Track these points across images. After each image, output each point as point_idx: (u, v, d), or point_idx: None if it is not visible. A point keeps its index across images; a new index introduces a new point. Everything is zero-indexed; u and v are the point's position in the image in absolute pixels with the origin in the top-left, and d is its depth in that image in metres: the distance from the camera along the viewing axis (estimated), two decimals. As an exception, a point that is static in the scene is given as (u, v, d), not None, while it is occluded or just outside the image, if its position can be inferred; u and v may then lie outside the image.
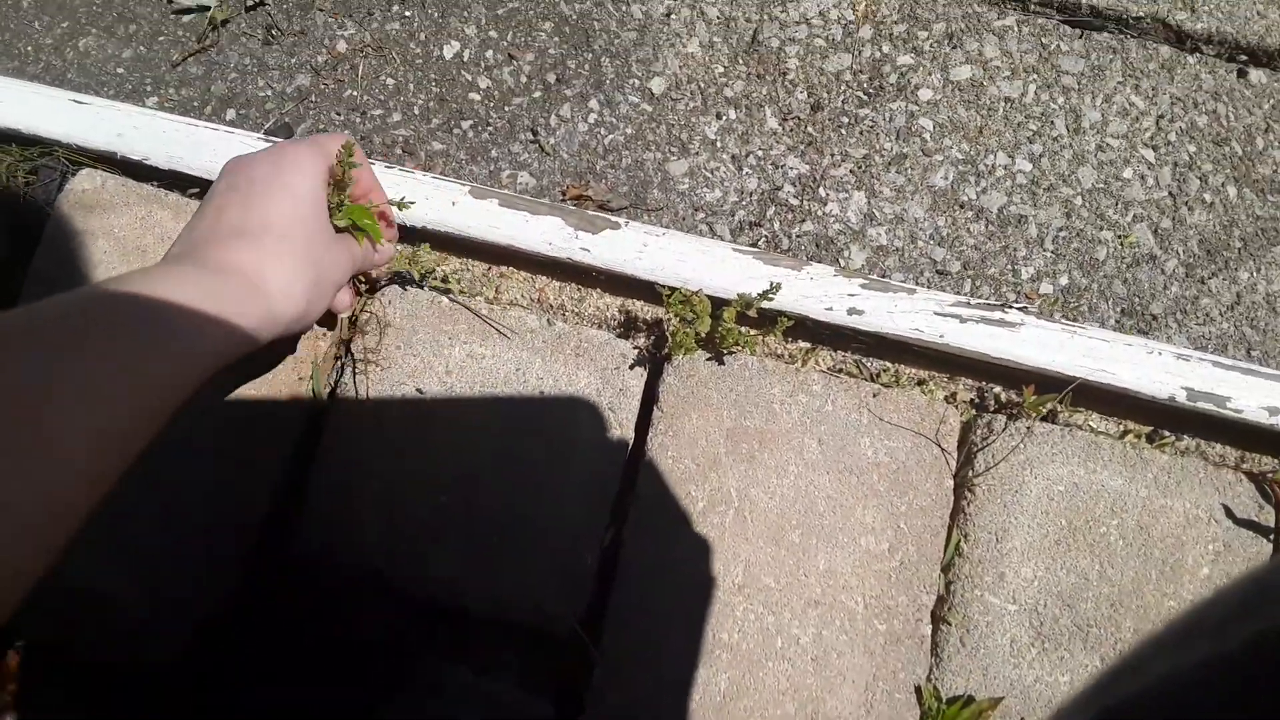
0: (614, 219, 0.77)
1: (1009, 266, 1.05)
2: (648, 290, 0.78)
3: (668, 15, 1.14)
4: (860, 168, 1.09)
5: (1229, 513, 0.73)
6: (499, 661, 0.70)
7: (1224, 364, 0.79)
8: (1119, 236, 1.07)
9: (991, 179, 1.09)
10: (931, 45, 1.14)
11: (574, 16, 1.13)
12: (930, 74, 1.13)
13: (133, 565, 0.71)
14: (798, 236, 1.06)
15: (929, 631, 0.70)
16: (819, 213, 1.07)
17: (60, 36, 1.10)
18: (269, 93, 1.08)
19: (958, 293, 1.03)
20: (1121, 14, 1.16)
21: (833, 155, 1.10)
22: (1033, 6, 1.17)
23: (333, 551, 0.70)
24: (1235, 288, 1.06)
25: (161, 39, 1.10)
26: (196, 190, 0.87)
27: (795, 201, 1.08)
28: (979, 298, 0.87)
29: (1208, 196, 1.09)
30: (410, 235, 0.91)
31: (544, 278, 0.83)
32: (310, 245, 0.60)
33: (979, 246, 1.06)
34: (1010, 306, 0.74)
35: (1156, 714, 0.30)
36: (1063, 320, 0.75)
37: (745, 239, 1.06)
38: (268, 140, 0.85)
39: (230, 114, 1.08)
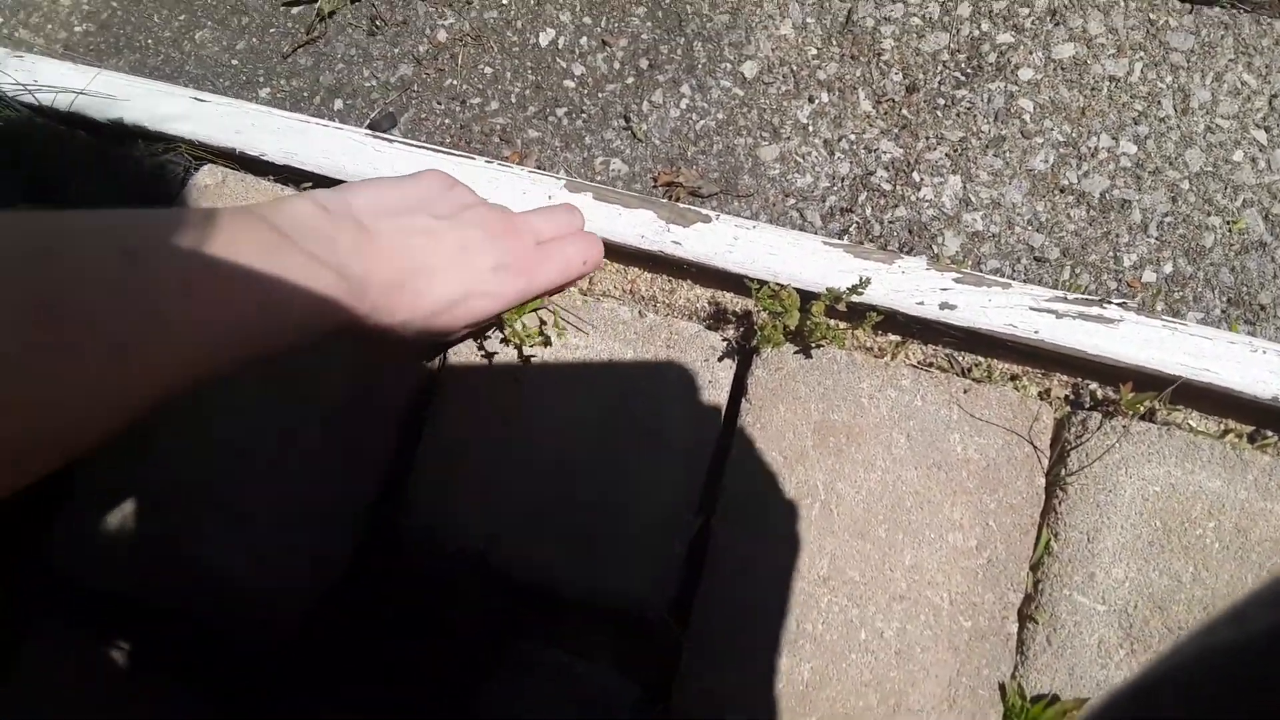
0: (705, 212, 0.78)
1: (1110, 253, 1.03)
2: (737, 283, 0.79)
3: (761, -3, 1.14)
4: (956, 151, 1.08)
5: (1332, 518, 0.72)
6: (592, 645, 0.74)
7: None
8: (1228, 222, 1.03)
9: (1094, 162, 1.06)
10: (1033, 22, 1.11)
11: (666, 1, 1.14)
12: (1031, 53, 1.10)
13: (248, 539, 0.76)
14: (890, 222, 1.05)
15: (1015, 629, 0.70)
16: (912, 198, 1.07)
17: (178, 29, 1.15)
18: (374, 82, 1.12)
19: (1056, 281, 1.01)
20: (1238, -14, 1.11)
21: (928, 138, 1.09)
22: (1143, -20, 1.13)
23: (435, 534, 0.74)
24: (1352, 276, 1.01)
25: (272, 31, 1.15)
26: (310, 184, 0.91)
27: (888, 186, 1.07)
28: (1076, 290, 0.86)
29: (1326, 180, 1.05)
30: None
31: (636, 269, 0.85)
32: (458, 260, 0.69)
33: (1079, 233, 1.04)
34: (1109, 302, 0.73)
35: (1167, 698, 0.31)
36: (1164, 316, 0.74)
37: (836, 224, 1.06)
38: (372, 134, 0.89)
39: (338, 104, 1.12)
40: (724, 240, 0.78)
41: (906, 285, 0.74)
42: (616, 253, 0.81)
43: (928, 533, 0.71)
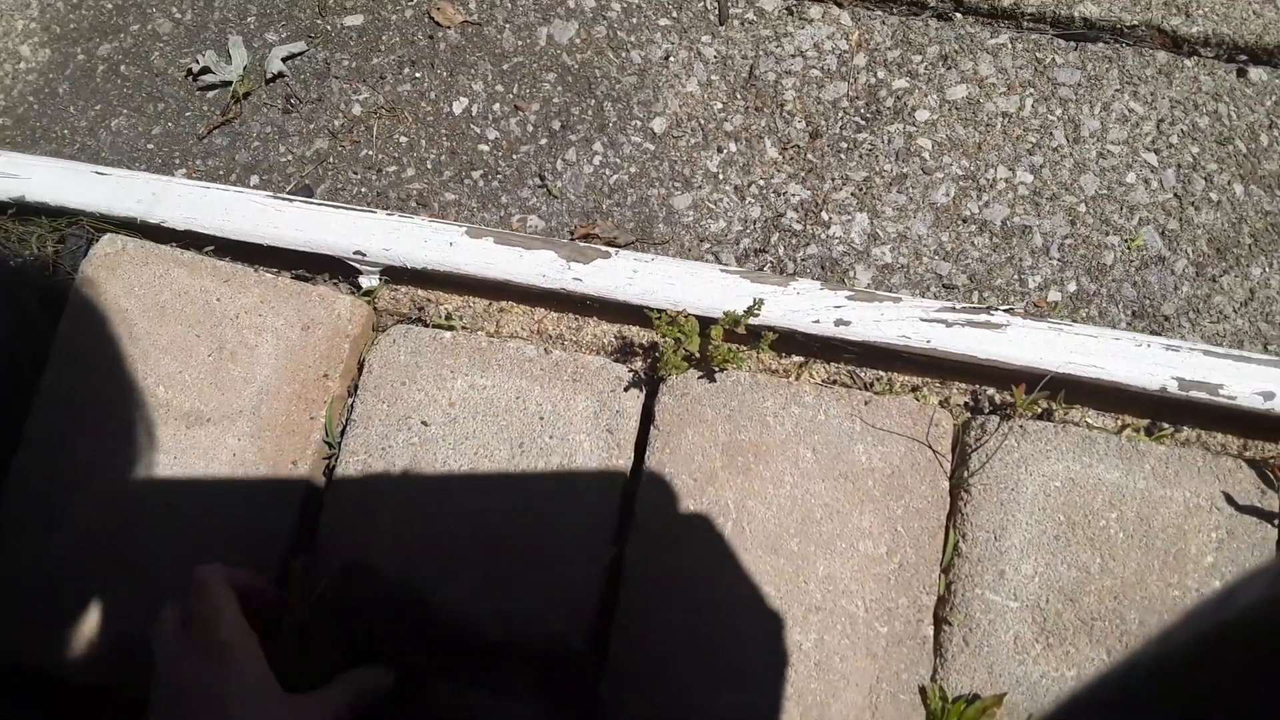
0: (605, 249, 0.81)
1: (1015, 276, 1.07)
2: (641, 316, 0.81)
3: (666, 58, 1.19)
4: (861, 190, 1.12)
5: (1230, 500, 0.73)
6: (514, 683, 0.73)
7: (1215, 352, 0.80)
8: (1126, 240, 1.08)
9: (993, 192, 1.11)
10: (926, 68, 1.17)
11: (575, 66, 1.19)
12: (926, 95, 1.16)
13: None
14: (803, 260, 1.09)
15: (931, 632, 0.71)
16: (823, 235, 1.10)
17: (93, 119, 1.18)
18: (289, 157, 1.15)
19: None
20: (1115, 23, 1.18)
21: (833, 180, 1.13)
22: (1025, 23, 1.20)
23: (351, 584, 0.73)
24: (1248, 284, 1.06)
25: (188, 114, 1.18)
26: (212, 248, 0.93)
27: (799, 226, 1.11)
28: (965, 303, 0.89)
29: (1214, 195, 1.10)
30: (413, 277, 0.96)
31: (542, 309, 0.87)
32: None
33: (984, 259, 1.08)
34: (995, 309, 0.76)
35: (1149, 684, 0.31)
36: (1050, 319, 0.77)
37: (751, 265, 1.09)
38: (274, 196, 0.91)
39: (254, 179, 1.14)
40: (624, 274, 0.80)
41: (802, 305, 0.77)
42: (521, 294, 0.83)
43: (839, 543, 0.72)
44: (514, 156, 1.15)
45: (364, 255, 0.89)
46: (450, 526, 0.74)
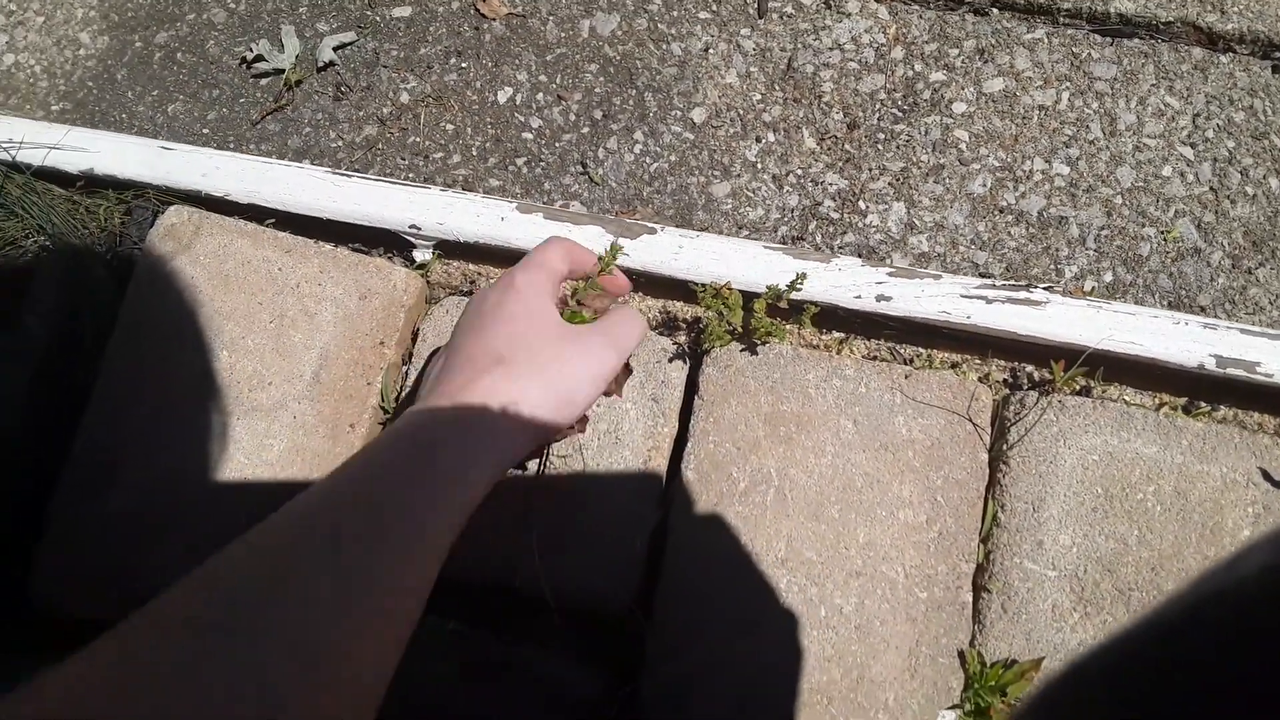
0: (651, 225, 0.83)
1: (1052, 266, 1.08)
2: (686, 291, 0.83)
3: (705, 50, 1.21)
4: (898, 180, 1.14)
5: (1267, 476, 0.74)
6: (560, 640, 0.75)
7: (1252, 331, 0.81)
8: (1162, 232, 1.09)
9: (1030, 183, 1.12)
10: (963, 61, 1.19)
11: (617, 57, 1.21)
12: (963, 88, 1.18)
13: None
14: (840, 248, 1.11)
15: (970, 599, 0.72)
16: (859, 224, 1.12)
17: (151, 104, 1.22)
18: (340, 143, 1.18)
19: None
20: (1151, 19, 1.19)
21: (870, 170, 1.15)
22: (1062, 19, 1.21)
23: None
24: (1285, 276, 1.07)
25: (242, 100, 1.22)
26: (274, 220, 0.96)
27: (836, 215, 1.13)
28: (1005, 280, 0.90)
29: (1250, 189, 1.11)
30: (465, 251, 0.99)
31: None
32: (545, 366, 0.61)
33: (1020, 249, 1.09)
34: (1035, 286, 0.77)
35: (1148, 654, 0.30)
36: (1089, 298, 0.78)
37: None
38: (332, 170, 0.94)
39: (306, 164, 1.18)
40: (669, 249, 0.82)
41: (844, 281, 0.79)
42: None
43: (879, 511, 0.73)
44: (556, 144, 1.18)
45: (419, 229, 0.92)
46: (497, 487, 0.77)
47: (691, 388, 0.79)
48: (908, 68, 1.20)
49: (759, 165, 1.16)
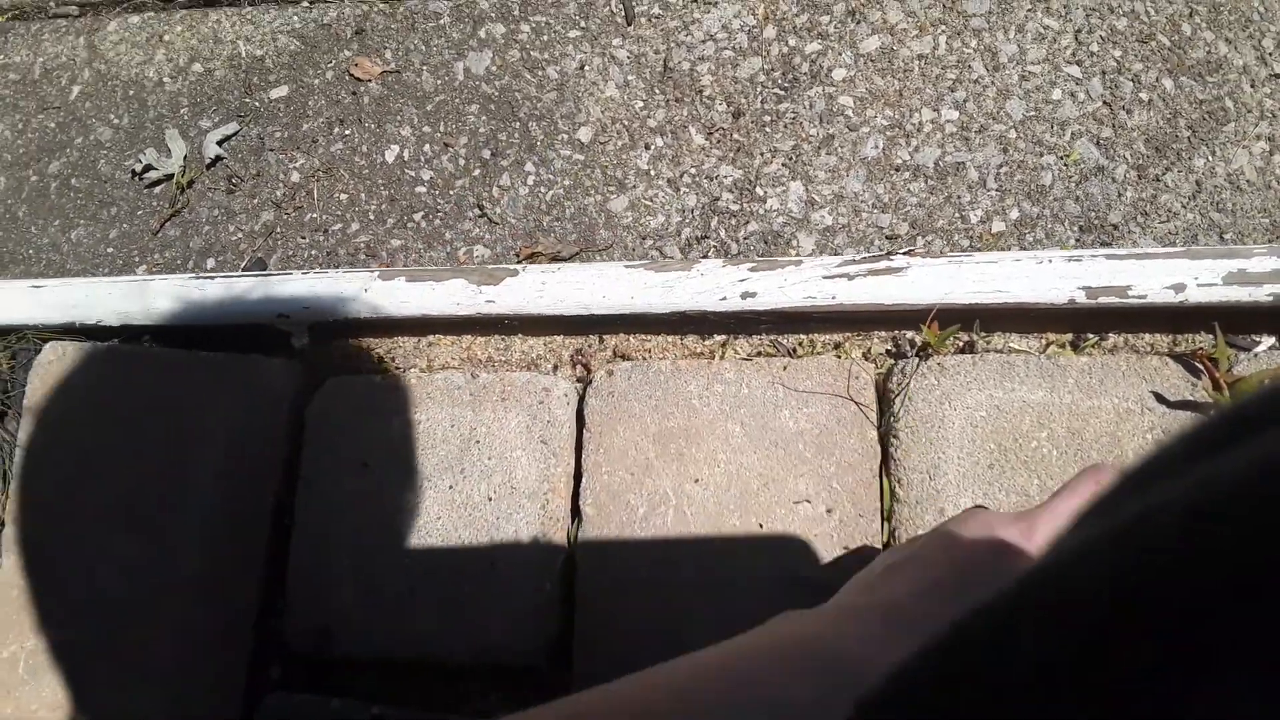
0: (512, 267, 0.84)
1: (956, 215, 1.07)
2: (564, 324, 0.83)
3: (581, 68, 1.22)
4: (792, 159, 1.14)
5: (1160, 399, 0.73)
6: (488, 705, 0.76)
7: (1118, 254, 0.79)
8: (1061, 158, 1.08)
9: (921, 136, 1.12)
10: (836, 27, 1.18)
11: (495, 93, 1.22)
12: (840, 54, 1.17)
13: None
14: (745, 238, 1.10)
15: None
16: (761, 211, 1.12)
17: (54, 234, 1.24)
18: (239, 235, 1.20)
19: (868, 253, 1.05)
20: (1017, -56, 1.18)
21: (763, 154, 1.15)
22: (929, -38, 1.20)
23: (325, 633, 0.77)
24: (1193, 177, 1.05)
25: (140, 213, 1.24)
26: (148, 338, 0.98)
27: (735, 207, 1.13)
28: (865, 253, 0.90)
29: (1144, 95, 1.09)
30: (338, 329, 0.99)
31: (469, 336, 0.90)
32: None
33: (923, 203, 1.08)
34: (895, 254, 0.77)
35: (1029, 604, 0.25)
36: (948, 253, 0.77)
37: (696, 253, 1.11)
38: (195, 276, 0.96)
39: (210, 263, 1.19)
40: (532, 288, 0.83)
41: (708, 285, 0.78)
42: (443, 325, 0.87)
43: (778, 510, 0.73)
44: (450, 192, 1.18)
45: (287, 317, 0.93)
46: (404, 560, 0.77)
47: (581, 421, 0.80)
48: (782, 44, 1.19)
49: (652, 172, 1.16)
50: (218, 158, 1.24)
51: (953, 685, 0.25)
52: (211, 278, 0.95)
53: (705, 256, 1.09)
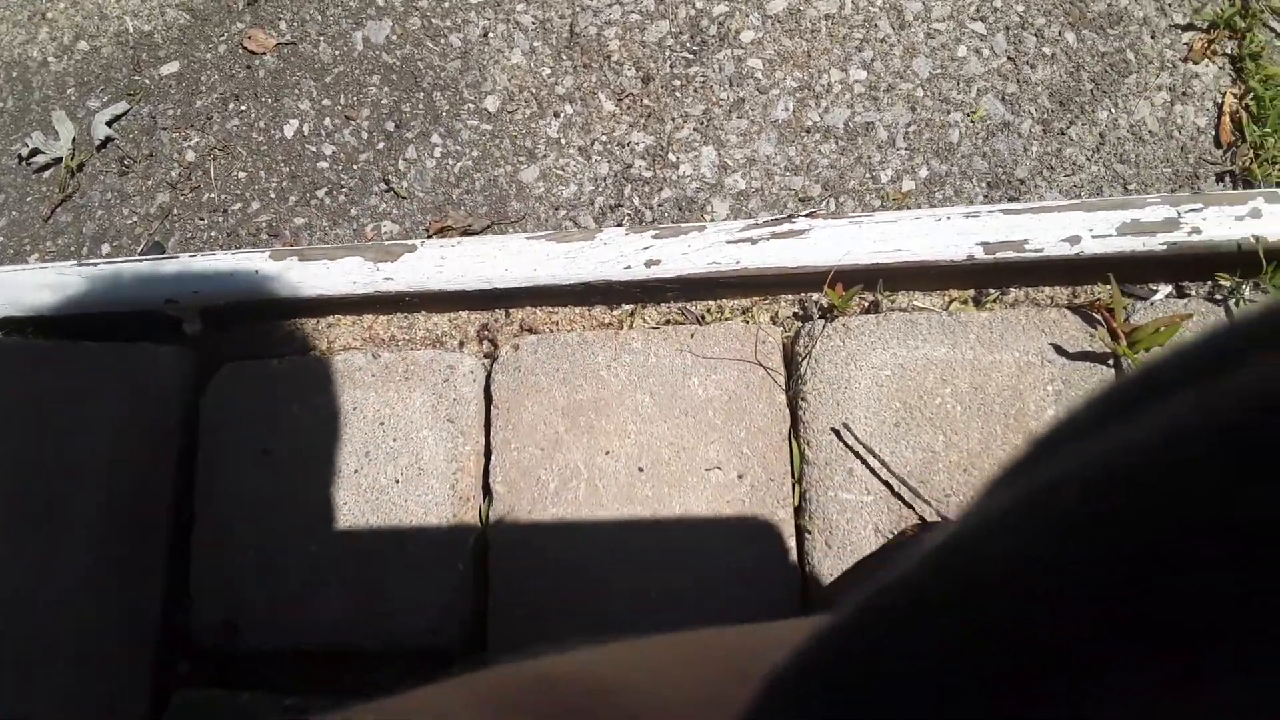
0: (411, 242, 0.82)
1: (867, 175, 1.07)
2: (468, 299, 0.82)
3: (485, 35, 1.19)
4: (703, 123, 1.12)
5: (1060, 350, 0.74)
6: (398, 686, 0.74)
7: (1014, 209, 0.80)
8: (968, 115, 1.08)
9: (830, 97, 1.11)
10: (743, -14, 1.17)
11: (397, 63, 1.18)
12: (748, 15, 1.16)
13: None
14: (659, 205, 1.09)
15: (794, 544, 0.72)
16: (674, 177, 1.11)
17: (-64, 224, 1.18)
18: (135, 218, 1.15)
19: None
20: (921, -100, 1.17)
21: (674, 120, 1.13)
22: (834, -81, 1.19)
23: (232, 626, 0.75)
24: (1097, 129, 1.06)
25: (30, 199, 1.18)
26: (33, 329, 0.94)
27: (649, 173, 1.11)
28: (770, 217, 0.89)
29: (1047, 49, 1.10)
30: (232, 313, 0.95)
31: (370, 315, 0.88)
32: None
33: (834, 164, 1.08)
34: (797, 216, 0.76)
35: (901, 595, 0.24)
36: (851, 214, 0.77)
37: (610, 221, 1.09)
38: (78, 264, 0.92)
39: (105, 249, 1.15)
40: (432, 264, 0.81)
41: (610, 255, 0.77)
42: (341, 305, 0.84)
43: (690, 478, 0.73)
44: (355, 167, 1.15)
45: (176, 302, 0.90)
46: (310, 548, 0.76)
47: (488, 397, 0.78)
48: (689, 7, 1.18)
49: (563, 141, 1.14)
50: (108, 139, 1.18)
51: (856, 675, 0.24)
52: (94, 264, 0.91)
53: (619, 225, 1.08)
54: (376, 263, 0.83)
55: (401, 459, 0.77)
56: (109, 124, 1.19)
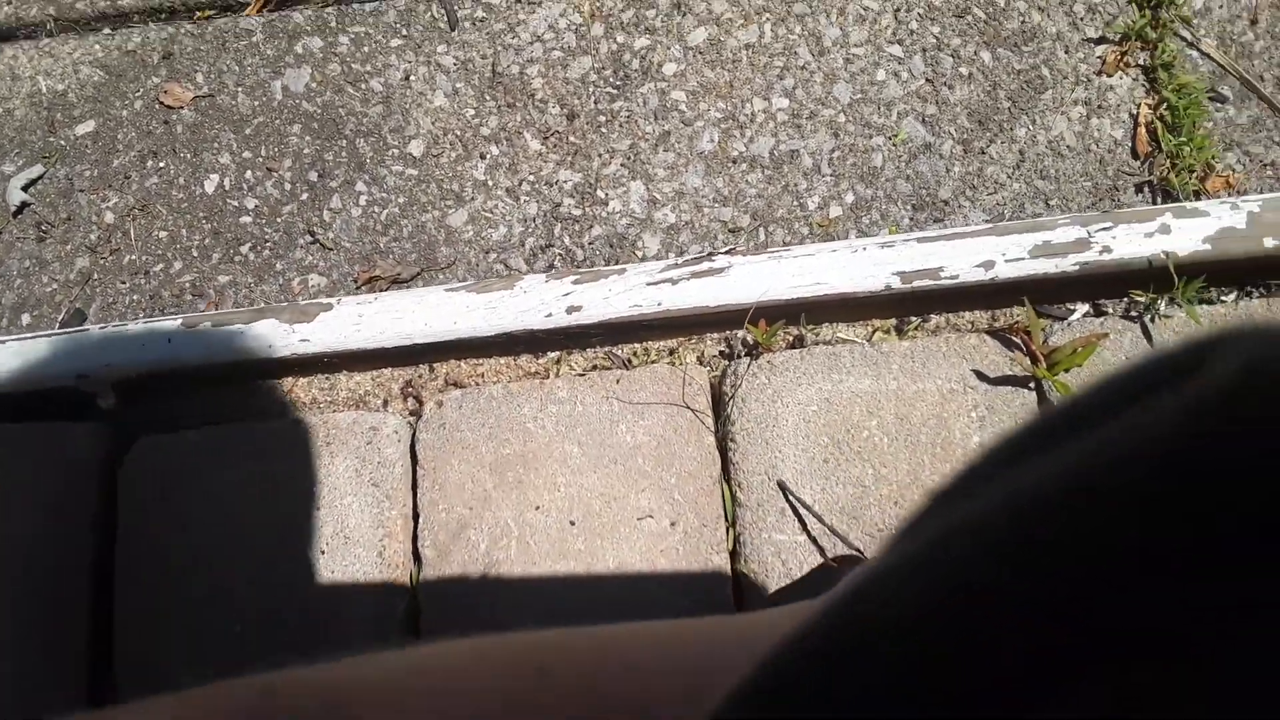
0: (327, 301, 0.81)
1: (795, 203, 1.08)
2: (387, 355, 0.81)
3: (406, 78, 1.18)
4: (630, 158, 1.13)
5: (981, 376, 0.75)
6: None
7: (929, 237, 0.81)
8: (890, 138, 1.09)
9: (755, 126, 1.12)
10: (662, 20, 1.18)
11: (318, 111, 1.17)
12: (669, 48, 1.16)
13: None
14: (590, 243, 1.09)
15: (730, 590, 0.71)
16: (603, 214, 1.10)
17: None
18: (54, 286, 1.13)
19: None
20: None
21: (601, 156, 1.13)
22: (749, -52, 1.20)
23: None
24: (1016, 146, 1.08)
25: (-57, 269, 1.15)
26: None
27: (578, 211, 1.11)
28: (689, 255, 0.89)
29: (964, 69, 1.12)
30: (146, 385, 0.93)
31: (289, 378, 0.87)
32: None
33: (761, 194, 1.09)
34: (716, 254, 0.76)
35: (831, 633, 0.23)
36: (770, 249, 0.78)
37: (541, 262, 1.09)
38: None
39: (25, 319, 1.12)
40: (349, 322, 0.80)
41: (531, 303, 0.77)
42: (259, 370, 0.83)
43: (623, 529, 0.72)
44: (279, 220, 1.14)
45: (87, 376, 0.88)
46: (235, 625, 0.74)
47: (415, 458, 0.77)
48: (610, 41, 1.18)
49: (490, 182, 1.14)
50: (24, 204, 1.16)
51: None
52: (3, 342, 0.88)
53: (540, 272, 1.07)
54: (292, 324, 0.82)
55: (326, 528, 0.75)
56: (24, 189, 1.16)
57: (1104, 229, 0.77)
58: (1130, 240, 0.77)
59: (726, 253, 0.79)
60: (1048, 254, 0.77)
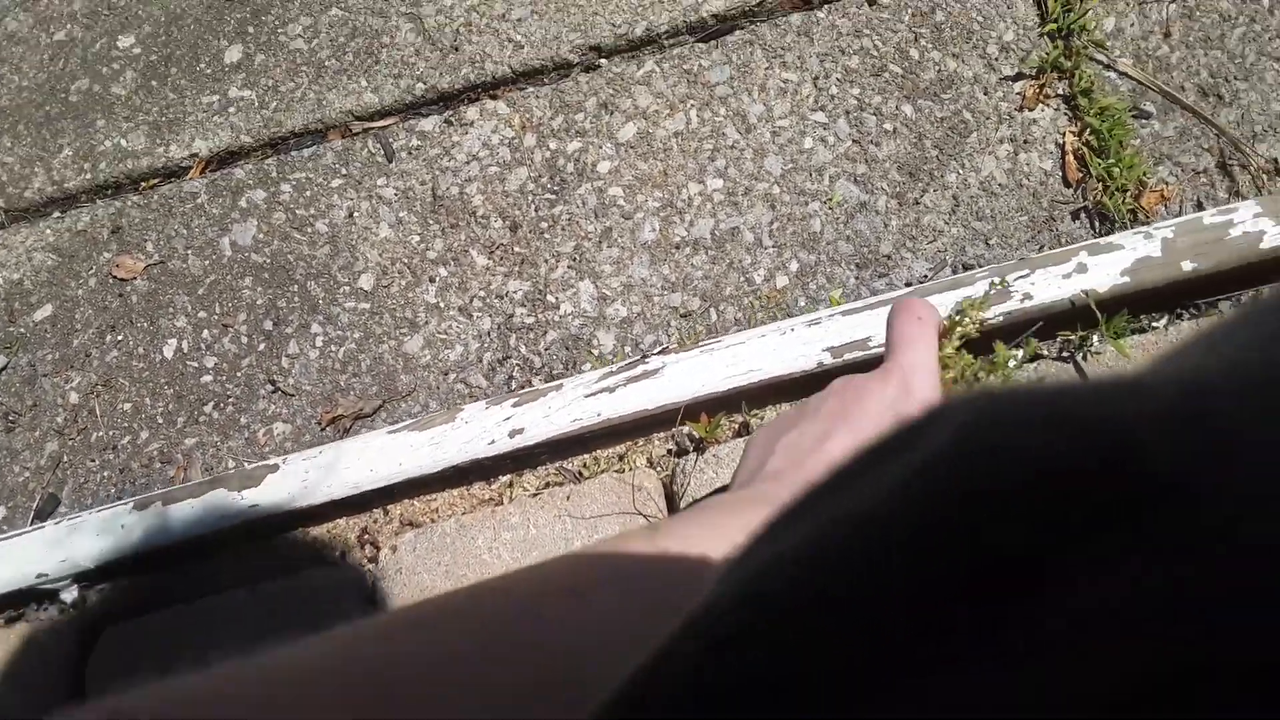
0: (273, 462, 0.81)
1: (741, 279, 1.08)
2: (339, 506, 0.80)
3: (350, 215, 1.20)
4: (576, 259, 1.14)
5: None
6: None
7: (854, 309, 0.81)
8: (825, 202, 1.10)
9: (693, 210, 1.13)
10: (591, 122, 1.20)
11: (267, 261, 1.19)
12: (601, 147, 1.18)
13: None
14: (546, 349, 1.09)
15: None
16: (556, 318, 1.11)
17: None
18: (27, 474, 1.13)
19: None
20: (743, 6, 1.22)
21: (547, 261, 1.14)
22: (665, 43, 1.24)
23: None
24: (949, 192, 1.09)
25: (-85, 471, 1.16)
26: None
27: (531, 319, 1.12)
28: (622, 359, 0.90)
29: (888, 125, 1.13)
30: (108, 573, 0.93)
31: (247, 544, 0.86)
32: None
33: (708, 275, 1.09)
34: (649, 355, 0.77)
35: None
36: (702, 343, 0.78)
37: (501, 375, 1.09)
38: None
39: (1, 511, 1.12)
40: (296, 481, 0.80)
41: (473, 433, 0.77)
42: (214, 544, 0.82)
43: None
44: (238, 374, 1.15)
45: (46, 575, 0.88)
46: None
47: (377, 608, 0.76)
48: (544, 149, 1.20)
49: (441, 304, 1.15)
50: (-12, 395, 1.17)
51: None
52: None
53: (510, 378, 1.07)
54: (240, 490, 0.82)
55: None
56: (-13, 381, 1.17)
57: (1022, 277, 0.78)
58: (1049, 284, 0.77)
59: (660, 353, 0.79)
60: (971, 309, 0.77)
